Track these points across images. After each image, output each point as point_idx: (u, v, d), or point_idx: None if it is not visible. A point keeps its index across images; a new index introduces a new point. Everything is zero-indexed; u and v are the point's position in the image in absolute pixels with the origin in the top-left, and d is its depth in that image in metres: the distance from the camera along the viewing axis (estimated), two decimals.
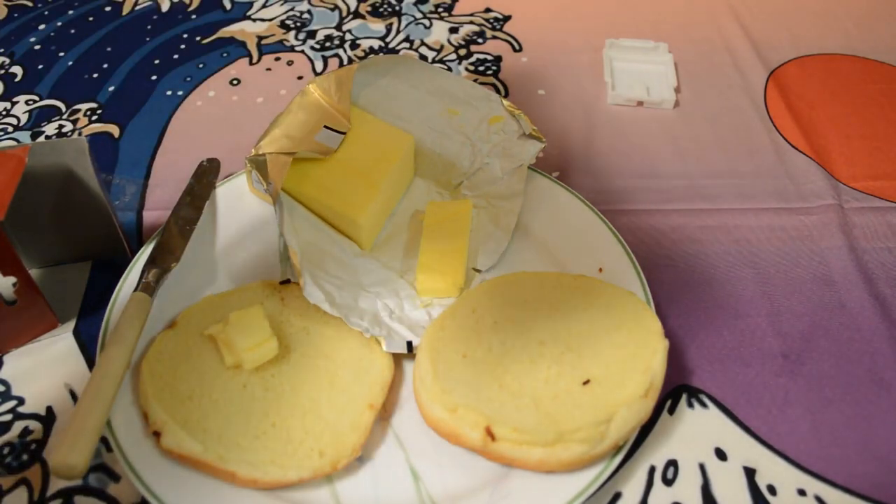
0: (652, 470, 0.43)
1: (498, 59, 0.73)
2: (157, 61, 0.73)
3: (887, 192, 0.60)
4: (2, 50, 0.74)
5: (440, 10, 0.79)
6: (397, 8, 0.80)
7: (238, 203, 0.55)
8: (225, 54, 0.73)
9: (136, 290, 0.47)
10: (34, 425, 0.45)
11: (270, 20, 0.78)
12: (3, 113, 0.67)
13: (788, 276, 0.54)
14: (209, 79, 0.71)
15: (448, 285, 0.50)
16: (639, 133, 0.65)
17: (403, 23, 0.77)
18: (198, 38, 0.75)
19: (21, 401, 0.46)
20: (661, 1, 0.80)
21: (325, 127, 0.54)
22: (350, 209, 0.51)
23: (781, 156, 0.63)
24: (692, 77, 0.71)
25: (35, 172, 0.45)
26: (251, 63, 0.72)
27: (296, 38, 0.76)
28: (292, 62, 0.73)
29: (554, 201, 0.55)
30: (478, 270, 0.52)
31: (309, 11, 0.79)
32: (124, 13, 0.79)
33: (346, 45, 0.75)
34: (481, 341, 0.44)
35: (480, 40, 0.75)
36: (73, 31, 0.76)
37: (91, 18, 0.78)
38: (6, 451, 0.44)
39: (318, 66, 0.72)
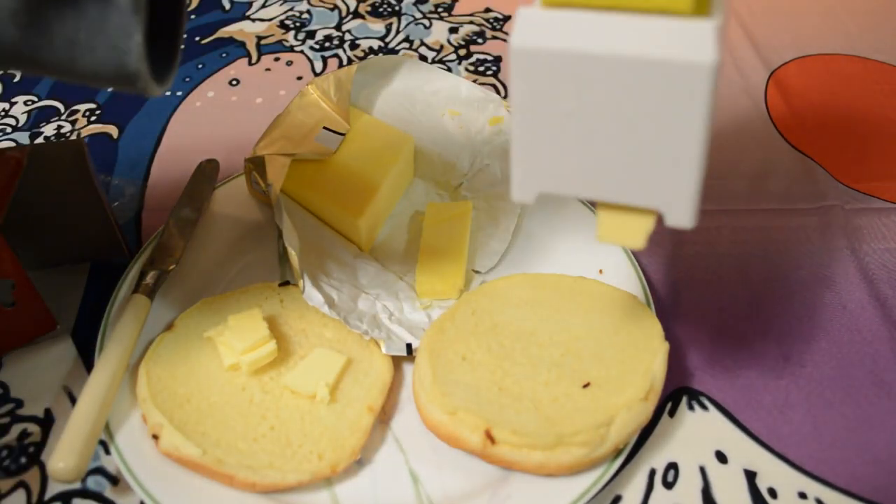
0: (652, 473, 0.43)
1: (498, 59, 0.73)
2: None
3: (889, 193, 0.60)
4: None
5: (440, 10, 0.79)
6: (397, 8, 0.79)
7: (237, 204, 0.55)
8: (224, 55, 0.73)
9: (134, 291, 0.47)
10: (32, 428, 0.44)
11: (270, 20, 0.77)
12: (2, 114, 0.66)
13: (789, 277, 0.54)
14: (208, 79, 0.70)
15: (448, 287, 0.50)
16: None
17: (403, 23, 0.77)
18: (197, 39, 0.75)
19: (19, 403, 0.46)
20: None
21: (325, 128, 0.54)
22: (349, 210, 0.51)
23: (782, 156, 0.63)
24: None
25: (34, 174, 0.45)
26: (250, 63, 0.72)
27: (295, 38, 0.75)
28: (291, 62, 0.72)
29: (554, 202, 0.54)
30: (477, 272, 0.52)
31: (308, 11, 0.79)
32: None
33: (346, 46, 0.74)
34: (481, 344, 0.44)
35: (480, 40, 0.75)
36: None
37: None
38: (4, 453, 0.43)
39: (318, 66, 0.72)
